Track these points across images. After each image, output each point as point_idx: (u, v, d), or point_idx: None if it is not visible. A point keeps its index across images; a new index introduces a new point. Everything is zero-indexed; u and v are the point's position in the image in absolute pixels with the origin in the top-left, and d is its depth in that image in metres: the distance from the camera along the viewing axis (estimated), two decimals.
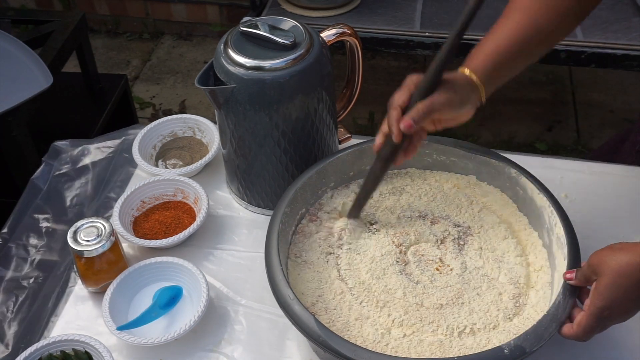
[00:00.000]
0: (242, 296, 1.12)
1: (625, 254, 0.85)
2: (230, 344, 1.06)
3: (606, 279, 0.85)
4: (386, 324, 0.97)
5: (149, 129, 1.36)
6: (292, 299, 0.94)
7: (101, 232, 1.08)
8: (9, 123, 1.63)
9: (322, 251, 1.08)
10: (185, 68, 3.03)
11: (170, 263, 1.12)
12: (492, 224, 1.11)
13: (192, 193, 1.24)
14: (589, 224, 1.14)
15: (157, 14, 3.16)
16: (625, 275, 0.84)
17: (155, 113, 2.81)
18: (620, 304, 0.86)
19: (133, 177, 1.33)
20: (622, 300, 0.86)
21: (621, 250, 0.86)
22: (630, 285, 0.84)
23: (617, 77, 2.79)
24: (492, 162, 1.14)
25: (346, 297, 1.01)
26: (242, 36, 1.12)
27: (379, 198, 1.16)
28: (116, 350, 1.03)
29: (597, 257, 0.88)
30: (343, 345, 0.89)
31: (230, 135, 1.17)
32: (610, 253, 0.86)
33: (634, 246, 0.85)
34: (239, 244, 1.21)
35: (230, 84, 1.09)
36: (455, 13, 2.14)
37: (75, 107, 2.05)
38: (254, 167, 1.19)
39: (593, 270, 0.88)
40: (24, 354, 1.00)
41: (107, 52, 3.13)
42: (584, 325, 0.89)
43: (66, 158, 1.37)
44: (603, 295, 0.86)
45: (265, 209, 1.24)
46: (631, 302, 0.86)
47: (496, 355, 0.87)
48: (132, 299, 1.11)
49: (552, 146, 2.57)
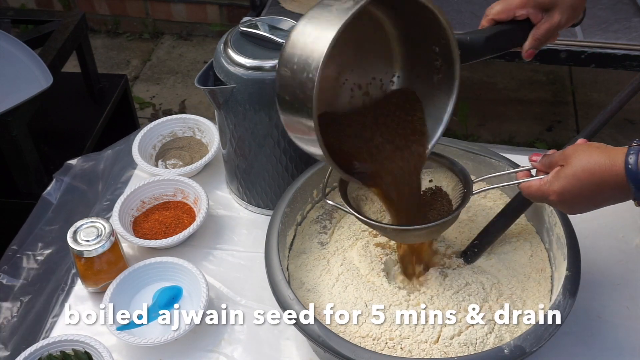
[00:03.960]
0: (242, 296, 1.12)
1: (600, 154, 0.84)
2: (230, 344, 1.06)
3: (571, 168, 0.85)
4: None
5: (149, 129, 1.36)
6: (292, 299, 0.94)
7: (101, 232, 1.08)
8: (9, 123, 1.63)
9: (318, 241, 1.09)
10: (185, 68, 3.03)
11: (170, 263, 1.12)
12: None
13: (192, 193, 1.24)
14: (589, 224, 1.14)
15: (157, 14, 3.16)
16: (589, 172, 0.83)
17: (155, 113, 2.81)
18: (571, 196, 0.86)
19: (133, 177, 1.33)
20: (574, 195, 0.85)
21: (598, 149, 0.85)
22: (589, 184, 0.84)
23: (617, 77, 2.79)
24: (492, 162, 1.14)
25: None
26: (242, 36, 1.12)
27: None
28: (116, 350, 1.03)
29: (574, 148, 0.87)
30: (343, 345, 0.89)
31: (230, 135, 1.17)
32: (587, 148, 0.86)
33: (612, 150, 0.84)
34: (239, 244, 1.20)
35: (230, 84, 1.09)
36: (456, 13, 2.14)
37: (75, 107, 2.04)
38: (254, 167, 1.19)
39: (564, 158, 0.87)
40: (24, 354, 1.00)
41: (107, 52, 3.13)
42: (532, 191, 0.90)
43: (78, 172, 1.37)
44: (560, 182, 0.86)
45: (265, 209, 1.24)
46: (582, 198, 0.86)
47: (496, 355, 0.87)
48: (132, 299, 1.10)
49: (552, 146, 2.56)
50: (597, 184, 0.83)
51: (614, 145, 0.85)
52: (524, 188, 0.92)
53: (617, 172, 0.81)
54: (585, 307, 1.06)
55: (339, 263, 1.06)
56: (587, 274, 1.02)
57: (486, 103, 2.73)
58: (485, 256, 1.06)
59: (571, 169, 0.85)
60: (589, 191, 0.84)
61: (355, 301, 1.00)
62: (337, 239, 1.11)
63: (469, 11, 2.13)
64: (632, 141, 0.81)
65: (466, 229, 1.11)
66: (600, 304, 1.07)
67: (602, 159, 0.83)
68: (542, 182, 0.88)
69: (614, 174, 0.81)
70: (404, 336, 0.96)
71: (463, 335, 0.95)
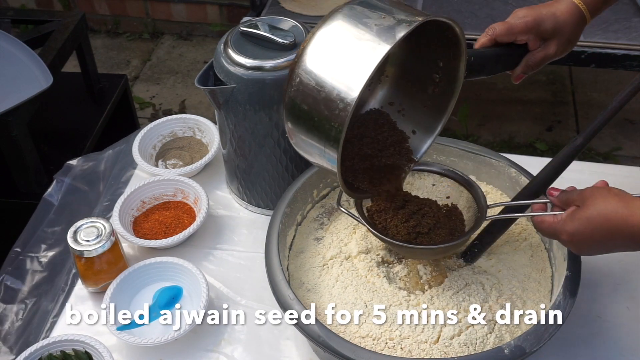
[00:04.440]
0: (242, 296, 1.12)
1: (618, 202, 0.84)
2: (230, 344, 1.06)
3: (586, 212, 0.85)
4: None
5: (149, 129, 1.36)
6: (292, 299, 0.94)
7: (101, 232, 1.08)
8: (9, 123, 1.63)
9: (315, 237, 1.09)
10: (185, 68, 3.03)
11: (170, 263, 1.12)
12: None
13: (192, 193, 1.24)
14: None
15: (157, 14, 3.16)
16: (604, 218, 0.84)
17: (155, 113, 2.81)
18: (582, 239, 0.86)
19: (133, 177, 1.33)
20: (586, 238, 0.86)
21: (616, 197, 0.85)
22: (602, 230, 0.84)
23: (617, 77, 2.79)
24: (492, 162, 1.14)
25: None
26: (242, 36, 1.12)
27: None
28: (116, 350, 1.03)
29: (592, 191, 0.87)
30: (343, 345, 0.89)
31: (230, 135, 1.17)
32: (606, 194, 0.86)
33: (630, 200, 0.84)
34: (239, 244, 1.20)
35: (230, 84, 1.09)
36: (455, 13, 2.14)
37: (75, 107, 2.04)
38: (254, 167, 1.19)
39: (582, 199, 0.87)
40: (24, 354, 1.00)
41: (107, 52, 3.13)
42: (544, 227, 0.91)
43: (78, 173, 1.37)
44: (574, 223, 0.86)
45: (265, 209, 1.24)
46: (593, 243, 0.86)
47: (496, 355, 0.88)
48: (132, 299, 1.10)
49: (552, 146, 2.57)
50: (611, 231, 0.83)
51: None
52: (537, 222, 0.93)
53: (633, 224, 0.81)
54: (585, 307, 1.06)
55: (337, 263, 1.06)
56: (587, 274, 1.02)
57: (486, 103, 2.73)
58: (486, 256, 1.06)
59: (586, 212, 0.85)
60: (600, 237, 0.85)
61: (355, 301, 1.00)
62: (332, 231, 1.11)
63: (469, 11, 2.13)
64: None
65: (466, 229, 1.11)
66: (600, 304, 1.07)
67: (620, 207, 0.83)
68: (556, 221, 0.89)
69: (630, 224, 0.81)
70: (404, 336, 0.96)
71: (463, 336, 0.96)
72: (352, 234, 1.09)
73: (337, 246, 1.08)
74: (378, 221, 1.01)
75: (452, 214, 1.03)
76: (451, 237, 0.99)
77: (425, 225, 0.99)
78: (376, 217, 1.01)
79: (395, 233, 0.99)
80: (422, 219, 0.99)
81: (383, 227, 1.00)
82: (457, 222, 1.03)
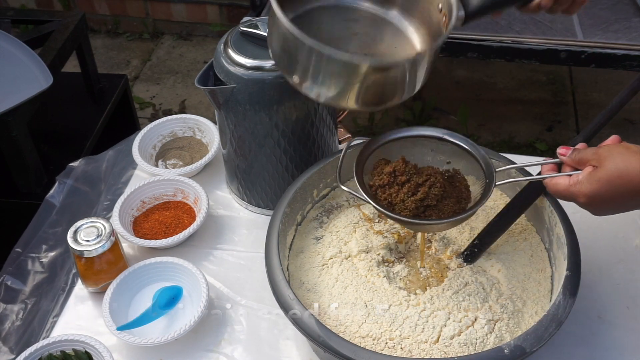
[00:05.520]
0: (242, 296, 1.12)
1: (638, 160, 0.80)
2: (230, 344, 1.06)
3: (605, 172, 0.81)
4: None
5: (149, 129, 1.36)
6: (292, 299, 0.94)
7: (101, 232, 1.08)
8: (9, 123, 1.63)
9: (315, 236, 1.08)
10: (185, 68, 3.03)
11: (170, 263, 1.12)
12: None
13: (192, 193, 1.24)
14: (589, 224, 1.14)
15: (157, 14, 3.16)
16: (625, 179, 0.80)
17: (155, 113, 2.81)
18: (601, 201, 0.82)
19: (133, 177, 1.33)
20: (605, 200, 0.82)
21: (636, 154, 0.81)
22: (623, 191, 0.80)
23: (617, 77, 2.79)
24: (492, 162, 1.14)
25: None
26: (242, 36, 1.12)
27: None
28: (116, 350, 1.03)
29: (609, 149, 0.83)
30: (343, 345, 0.89)
31: (230, 135, 1.17)
32: (624, 151, 0.82)
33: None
34: (239, 244, 1.21)
35: (230, 84, 1.09)
36: None
37: (75, 107, 2.04)
38: (254, 167, 1.19)
39: (597, 158, 0.83)
40: (24, 353, 1.00)
41: (107, 52, 3.13)
42: (559, 189, 0.86)
43: (80, 174, 1.37)
44: (593, 185, 0.82)
45: (265, 209, 1.24)
46: (613, 204, 0.83)
47: (496, 355, 0.88)
48: (132, 299, 1.11)
49: (552, 146, 2.56)
50: (633, 192, 0.80)
51: None
52: (550, 185, 0.88)
53: None
54: (585, 307, 1.06)
55: (337, 263, 1.06)
56: (587, 274, 1.02)
57: (486, 103, 2.73)
58: (485, 256, 1.06)
59: (605, 173, 0.81)
60: (621, 197, 0.81)
61: (355, 301, 1.00)
62: (332, 230, 1.11)
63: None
64: None
65: (466, 228, 1.11)
66: (600, 304, 1.07)
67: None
68: (572, 183, 0.85)
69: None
70: (404, 336, 0.96)
71: (463, 335, 0.96)
72: (352, 233, 1.09)
73: (337, 245, 1.08)
74: (383, 197, 0.97)
75: (456, 180, 1.00)
76: (459, 207, 0.96)
77: (433, 198, 0.95)
78: (380, 193, 0.98)
79: (403, 208, 0.95)
80: (430, 190, 0.96)
81: (388, 203, 0.96)
82: (462, 188, 0.99)
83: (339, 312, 0.99)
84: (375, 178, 1.00)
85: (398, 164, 0.99)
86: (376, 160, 1.02)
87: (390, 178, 0.98)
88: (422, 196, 0.95)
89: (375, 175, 1.00)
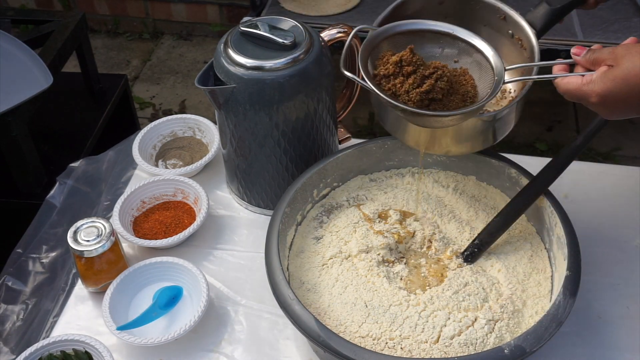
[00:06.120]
0: (242, 296, 1.12)
1: None
2: (230, 344, 1.06)
3: (621, 71, 0.78)
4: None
5: (149, 129, 1.36)
6: (292, 299, 0.94)
7: (101, 232, 1.08)
8: (9, 123, 1.63)
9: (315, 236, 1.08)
10: (185, 68, 3.03)
11: (170, 263, 1.12)
12: None
13: (192, 193, 1.24)
14: (589, 224, 1.14)
15: (157, 14, 3.16)
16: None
17: (155, 113, 2.81)
18: (614, 101, 0.80)
19: (133, 177, 1.33)
20: (619, 99, 0.79)
21: None
22: (638, 91, 0.77)
23: None
24: (492, 162, 1.14)
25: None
26: (242, 36, 1.12)
27: (377, 193, 1.16)
28: (116, 350, 1.03)
29: (626, 48, 0.80)
30: (343, 345, 0.89)
31: (230, 135, 1.17)
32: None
33: None
34: (239, 244, 1.21)
35: (230, 84, 1.09)
36: None
37: (75, 107, 2.05)
38: (254, 167, 1.19)
39: (614, 57, 0.79)
40: (24, 353, 1.00)
41: (107, 52, 3.13)
42: (570, 88, 0.84)
43: (80, 175, 1.37)
44: (607, 84, 0.79)
45: (265, 209, 1.24)
46: (626, 105, 0.79)
47: (496, 355, 0.88)
48: (132, 299, 1.11)
49: (552, 146, 2.57)
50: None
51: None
52: (560, 84, 0.85)
53: None
54: (585, 307, 1.06)
55: (337, 263, 1.06)
56: (587, 274, 1.02)
57: None
58: (485, 256, 1.06)
59: (621, 72, 0.78)
60: (636, 98, 0.77)
61: (355, 301, 1.00)
62: (332, 230, 1.11)
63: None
64: None
65: (466, 228, 1.11)
66: (600, 304, 1.07)
67: None
68: (585, 82, 0.81)
69: None
70: (404, 336, 0.96)
71: (463, 335, 0.96)
72: (352, 232, 1.09)
73: (337, 245, 1.08)
74: (387, 87, 0.93)
75: (463, 79, 0.96)
76: (465, 105, 0.92)
77: (439, 91, 0.91)
78: (384, 83, 0.94)
79: (407, 100, 0.91)
80: (436, 83, 0.91)
81: (392, 93, 0.92)
82: (469, 87, 0.96)
83: (339, 312, 0.99)
84: (380, 67, 0.95)
85: (405, 54, 0.94)
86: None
87: (396, 68, 0.93)
88: (427, 88, 0.91)
89: (380, 65, 0.96)
